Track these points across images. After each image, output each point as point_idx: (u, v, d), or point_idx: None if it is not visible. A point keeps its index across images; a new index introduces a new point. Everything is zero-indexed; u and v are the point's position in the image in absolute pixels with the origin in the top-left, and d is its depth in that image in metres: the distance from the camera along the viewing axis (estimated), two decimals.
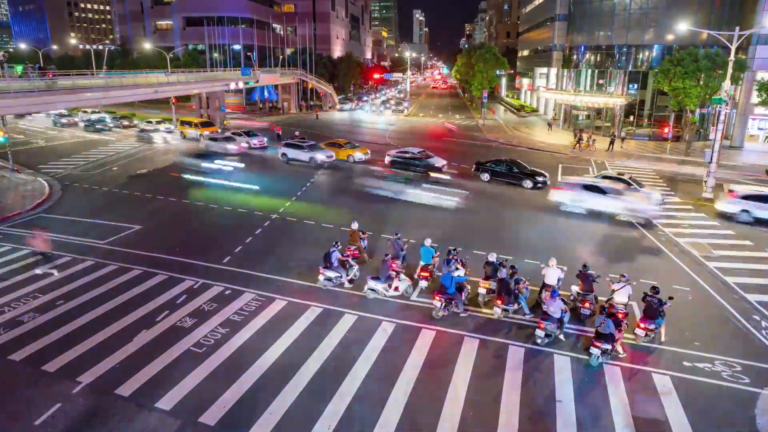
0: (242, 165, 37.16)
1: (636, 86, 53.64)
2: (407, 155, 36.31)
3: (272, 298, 16.70)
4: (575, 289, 16.02)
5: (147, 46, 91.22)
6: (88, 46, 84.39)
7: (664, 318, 14.40)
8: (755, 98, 44.62)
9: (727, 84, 29.99)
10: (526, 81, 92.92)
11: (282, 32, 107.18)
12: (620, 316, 14.30)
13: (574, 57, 60.67)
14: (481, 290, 16.53)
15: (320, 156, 37.77)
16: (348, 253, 18.77)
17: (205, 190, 30.29)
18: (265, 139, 45.98)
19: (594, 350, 13.14)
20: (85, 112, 61.92)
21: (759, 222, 24.81)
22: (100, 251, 20.56)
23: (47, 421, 11.11)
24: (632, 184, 28.39)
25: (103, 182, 32.15)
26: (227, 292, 17.11)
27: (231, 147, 41.54)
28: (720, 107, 30.09)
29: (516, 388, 12.37)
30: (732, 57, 29.51)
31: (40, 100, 34.03)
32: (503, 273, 15.83)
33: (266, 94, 77.96)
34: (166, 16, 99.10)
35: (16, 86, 32.92)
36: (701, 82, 39.22)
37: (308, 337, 14.47)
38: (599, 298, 16.23)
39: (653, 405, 11.91)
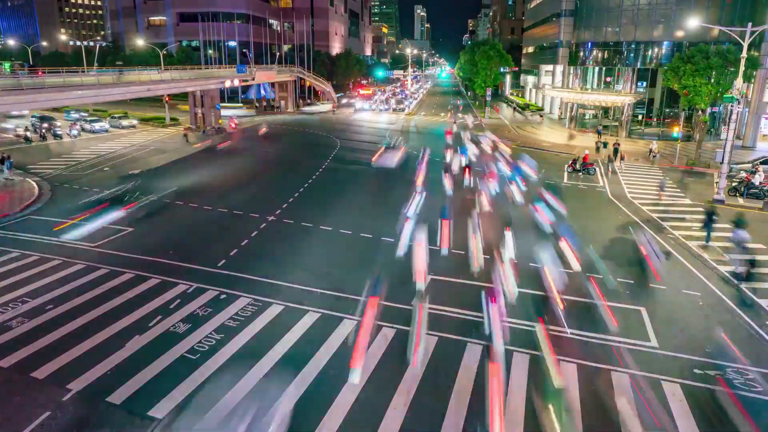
0: None
1: (645, 84, 53.81)
2: None
3: (269, 303, 16.72)
4: None
5: (140, 42, 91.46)
6: (78, 43, 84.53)
7: None
8: None
9: (739, 82, 30.05)
10: (531, 78, 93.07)
11: (279, 28, 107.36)
12: None
13: (581, 54, 60.86)
14: None
15: None
16: None
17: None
18: None
19: None
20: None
21: None
22: (90, 254, 20.59)
23: (36, 429, 11.11)
24: None
25: (93, 183, 32.19)
26: (222, 297, 17.14)
27: None
28: (732, 106, 30.15)
29: (521, 396, 12.38)
30: (744, 54, 29.56)
31: (30, 98, 34.15)
32: None
33: (262, 92, 78.10)
34: (160, 11, 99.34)
35: (1, 83, 33.03)
36: (712, 80, 39.29)
37: (306, 343, 14.49)
38: None
39: (663, 414, 11.92)
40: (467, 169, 32.90)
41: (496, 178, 31.92)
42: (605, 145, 44.77)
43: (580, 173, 36.67)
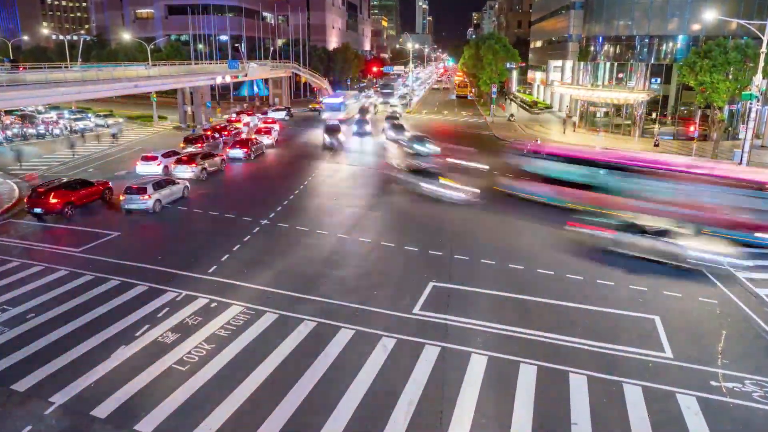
0: None
1: (659, 80, 53.83)
2: None
3: (262, 312, 16.76)
4: None
5: (126, 36, 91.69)
6: (61, 37, 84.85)
7: None
8: None
9: (758, 78, 30.17)
10: (539, 75, 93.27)
11: (273, 21, 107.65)
12: None
13: (592, 48, 60.88)
14: None
15: None
16: None
17: None
18: None
19: None
20: None
21: None
22: (75, 260, 20.63)
23: None
24: None
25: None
26: (213, 305, 17.18)
27: None
28: (751, 103, 30.27)
29: (528, 409, 12.42)
30: (764, 49, 29.67)
31: (8, 96, 34.26)
32: None
33: (255, 88, 78.26)
34: (147, 3, 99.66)
35: None
36: (730, 76, 39.39)
37: (301, 353, 14.52)
38: None
39: (678, 428, 11.96)
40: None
41: None
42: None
43: None
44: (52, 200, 25.30)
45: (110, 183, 29.43)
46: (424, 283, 18.85)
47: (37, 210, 25.28)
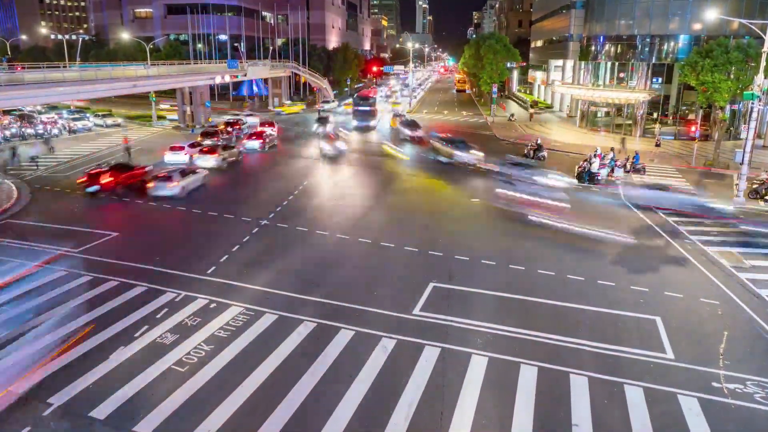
0: None
1: (660, 80, 53.89)
2: None
3: (261, 312, 16.76)
4: None
5: (125, 35, 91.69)
6: (60, 36, 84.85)
7: None
8: None
9: (760, 78, 30.17)
10: (539, 74, 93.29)
11: (272, 21, 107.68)
12: None
13: (593, 48, 60.92)
14: None
15: None
16: None
17: None
18: None
19: None
20: None
21: None
22: (73, 261, 20.62)
23: None
24: None
25: (76, 185, 32.22)
26: (212, 306, 17.18)
27: None
28: (752, 103, 30.27)
29: (528, 410, 12.42)
30: (765, 48, 29.66)
31: (6, 95, 34.31)
32: None
33: (255, 88, 78.26)
34: (146, 2, 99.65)
35: None
36: (732, 76, 39.40)
37: (301, 354, 14.52)
38: None
39: (679, 429, 11.96)
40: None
41: None
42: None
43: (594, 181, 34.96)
44: (107, 179, 29.28)
45: (146, 168, 32.75)
46: (425, 284, 18.88)
47: (93, 188, 29.00)
